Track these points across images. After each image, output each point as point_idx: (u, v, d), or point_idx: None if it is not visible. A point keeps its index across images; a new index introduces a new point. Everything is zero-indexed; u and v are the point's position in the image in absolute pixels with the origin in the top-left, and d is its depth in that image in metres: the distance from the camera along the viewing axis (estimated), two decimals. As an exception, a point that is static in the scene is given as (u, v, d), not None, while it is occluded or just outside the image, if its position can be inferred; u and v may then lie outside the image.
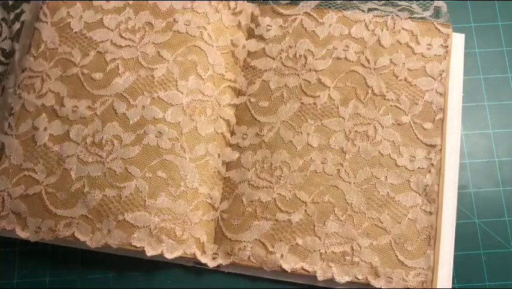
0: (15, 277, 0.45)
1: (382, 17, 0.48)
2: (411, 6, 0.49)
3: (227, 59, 0.48)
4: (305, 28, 0.48)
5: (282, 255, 0.43)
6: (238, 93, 0.48)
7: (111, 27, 0.48)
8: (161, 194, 0.44)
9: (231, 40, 0.49)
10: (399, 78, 0.47)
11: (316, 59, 0.48)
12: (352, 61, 0.48)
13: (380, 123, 0.46)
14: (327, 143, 0.46)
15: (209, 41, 0.48)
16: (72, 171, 0.44)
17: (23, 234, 0.43)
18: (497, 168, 0.48)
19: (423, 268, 0.43)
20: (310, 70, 0.47)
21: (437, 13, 0.49)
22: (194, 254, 0.43)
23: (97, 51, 0.47)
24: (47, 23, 0.47)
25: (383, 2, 0.50)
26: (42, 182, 0.44)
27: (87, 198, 0.43)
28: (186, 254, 0.43)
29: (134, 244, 0.42)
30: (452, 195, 0.45)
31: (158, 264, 0.44)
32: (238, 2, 0.49)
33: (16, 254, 0.45)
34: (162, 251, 0.43)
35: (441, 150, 0.45)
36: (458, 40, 0.49)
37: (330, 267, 0.43)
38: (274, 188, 0.45)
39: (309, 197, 0.44)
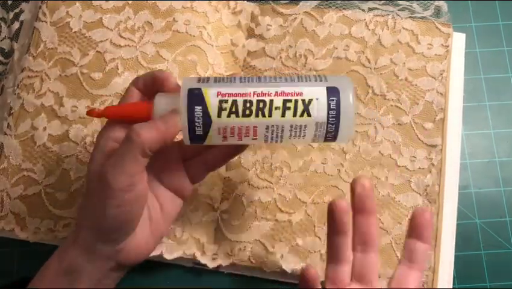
0: (15, 278, 0.45)
1: (382, 16, 0.48)
2: (411, 6, 0.49)
3: (227, 59, 0.48)
4: (305, 28, 0.48)
5: (282, 256, 0.43)
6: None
7: (110, 27, 0.47)
8: (160, 195, 0.43)
9: (231, 40, 0.48)
10: (400, 78, 0.47)
11: (316, 58, 0.47)
12: (353, 61, 0.47)
13: (380, 123, 0.46)
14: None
15: (209, 40, 0.47)
16: (71, 172, 0.44)
17: (22, 234, 0.43)
18: (498, 169, 0.47)
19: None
20: (310, 69, 0.47)
21: (437, 13, 0.49)
22: (194, 254, 0.43)
23: (97, 51, 0.47)
24: (46, 22, 0.47)
25: (383, 1, 0.49)
26: (41, 182, 0.44)
27: (86, 198, 0.43)
28: (186, 255, 0.43)
29: (133, 244, 0.42)
30: (453, 196, 0.45)
31: (158, 265, 0.44)
32: (238, 1, 0.49)
33: (15, 255, 0.45)
34: (161, 252, 0.42)
35: (441, 150, 0.45)
36: (458, 40, 0.49)
37: (331, 267, 0.43)
38: (275, 189, 0.44)
39: (310, 197, 0.44)
